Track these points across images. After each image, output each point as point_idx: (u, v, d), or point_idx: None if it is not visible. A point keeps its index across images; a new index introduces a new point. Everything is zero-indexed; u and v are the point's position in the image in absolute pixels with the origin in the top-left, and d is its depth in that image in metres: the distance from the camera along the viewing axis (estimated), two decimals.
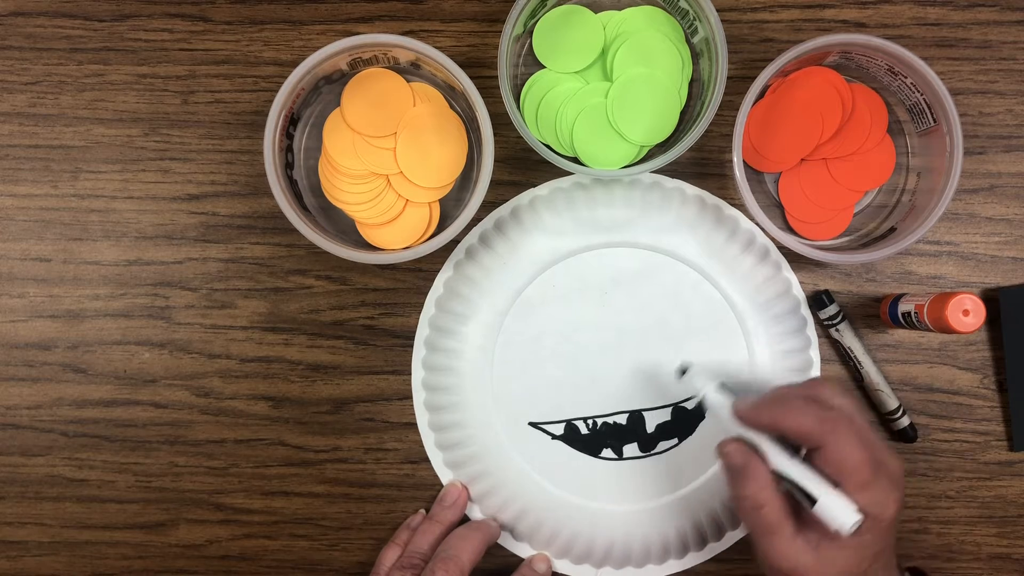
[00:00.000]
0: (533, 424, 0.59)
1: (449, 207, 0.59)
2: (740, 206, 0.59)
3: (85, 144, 0.60)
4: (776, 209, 0.60)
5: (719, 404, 0.51)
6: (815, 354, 0.59)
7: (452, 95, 0.58)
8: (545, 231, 0.59)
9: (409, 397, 0.60)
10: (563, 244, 0.59)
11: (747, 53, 0.59)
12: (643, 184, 0.59)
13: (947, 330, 0.53)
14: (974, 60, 0.59)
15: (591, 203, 0.59)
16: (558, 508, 0.59)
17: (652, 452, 0.59)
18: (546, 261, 0.59)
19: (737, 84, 0.57)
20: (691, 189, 0.59)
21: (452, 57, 0.53)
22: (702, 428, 0.59)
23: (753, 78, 0.53)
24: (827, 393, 0.49)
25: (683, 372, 0.53)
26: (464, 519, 0.59)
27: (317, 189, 0.58)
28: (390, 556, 0.58)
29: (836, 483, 0.46)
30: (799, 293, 0.59)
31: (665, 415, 0.59)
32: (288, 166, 0.56)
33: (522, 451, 0.59)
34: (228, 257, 0.60)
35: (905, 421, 0.59)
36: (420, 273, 0.60)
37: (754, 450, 0.48)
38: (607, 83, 0.57)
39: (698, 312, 0.59)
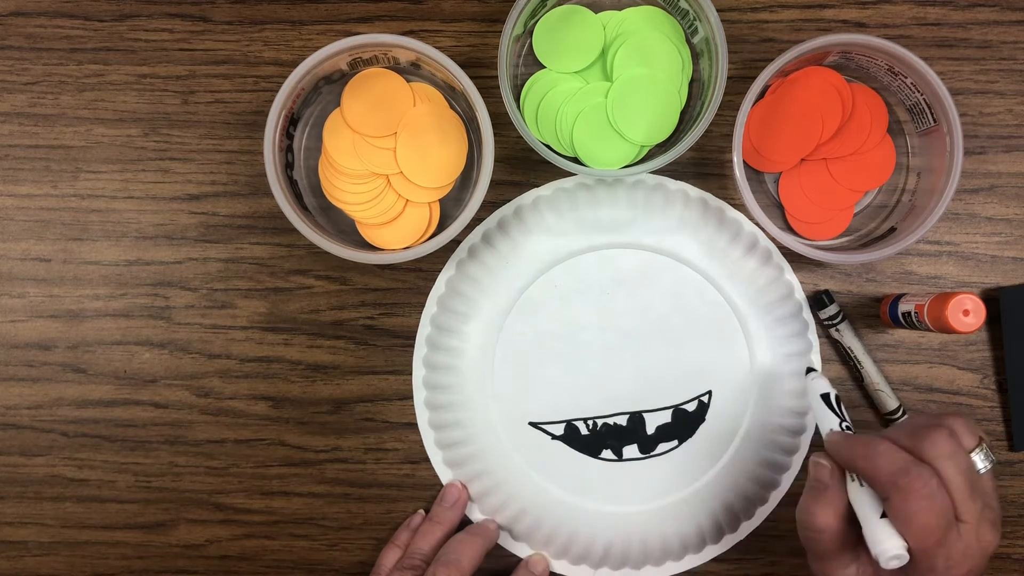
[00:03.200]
0: (533, 424, 0.59)
1: (449, 207, 0.59)
2: (740, 206, 0.59)
3: (85, 144, 0.60)
4: (776, 209, 0.60)
5: (826, 418, 0.51)
6: (816, 358, 0.59)
7: (452, 95, 0.58)
8: (548, 231, 0.59)
9: (409, 397, 0.60)
10: (565, 244, 0.59)
11: (747, 53, 0.59)
12: (647, 185, 0.59)
13: (947, 330, 0.52)
14: (974, 60, 0.59)
15: (594, 203, 0.59)
16: (557, 508, 0.59)
17: (652, 454, 0.59)
18: (548, 261, 0.59)
19: (737, 84, 0.57)
20: (694, 191, 0.59)
21: (452, 57, 0.53)
22: (702, 431, 0.59)
23: (753, 78, 0.53)
24: (930, 443, 0.45)
25: (808, 371, 0.55)
26: (464, 519, 0.59)
27: (317, 189, 0.58)
28: (391, 557, 0.58)
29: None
30: (801, 297, 0.59)
31: (665, 417, 0.59)
32: (288, 166, 0.56)
33: (522, 451, 0.59)
34: (228, 257, 0.60)
35: None
36: (420, 273, 0.60)
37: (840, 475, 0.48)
38: (607, 83, 0.57)
39: (700, 314, 0.59)
